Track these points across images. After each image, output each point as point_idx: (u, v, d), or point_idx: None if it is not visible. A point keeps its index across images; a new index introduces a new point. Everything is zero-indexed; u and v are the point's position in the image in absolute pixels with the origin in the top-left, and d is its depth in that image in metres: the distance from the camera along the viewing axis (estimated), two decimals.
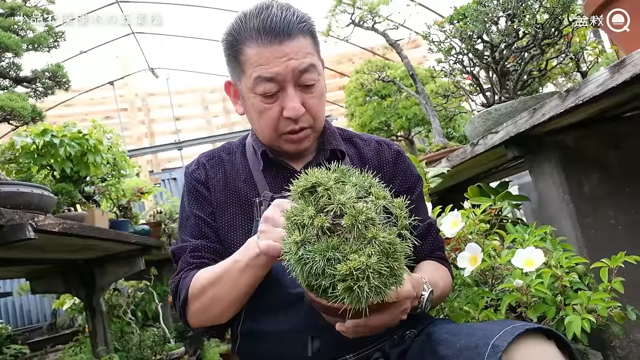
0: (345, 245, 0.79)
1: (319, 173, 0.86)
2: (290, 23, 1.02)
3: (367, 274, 0.75)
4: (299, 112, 1.04)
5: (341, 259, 0.77)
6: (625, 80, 1.17)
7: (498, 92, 2.19)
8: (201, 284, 1.04)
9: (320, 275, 0.78)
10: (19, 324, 6.71)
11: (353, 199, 0.81)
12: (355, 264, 0.75)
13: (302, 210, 0.81)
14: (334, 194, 0.81)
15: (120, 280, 4.10)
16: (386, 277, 0.77)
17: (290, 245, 0.81)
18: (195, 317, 1.09)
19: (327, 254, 0.78)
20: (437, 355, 0.94)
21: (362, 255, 0.76)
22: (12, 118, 1.68)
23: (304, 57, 1.03)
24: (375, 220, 0.80)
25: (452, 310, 1.48)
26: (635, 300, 1.56)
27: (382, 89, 4.00)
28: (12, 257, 2.17)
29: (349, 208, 0.79)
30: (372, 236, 0.78)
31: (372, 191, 0.86)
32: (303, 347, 1.02)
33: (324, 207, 0.81)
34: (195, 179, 1.17)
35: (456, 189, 2.99)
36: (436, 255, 1.21)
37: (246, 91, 1.07)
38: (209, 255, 1.12)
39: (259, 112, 1.07)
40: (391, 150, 1.22)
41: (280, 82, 1.03)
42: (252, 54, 1.03)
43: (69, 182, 2.61)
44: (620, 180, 1.68)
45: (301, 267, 0.79)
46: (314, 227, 0.79)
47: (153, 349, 3.25)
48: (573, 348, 0.92)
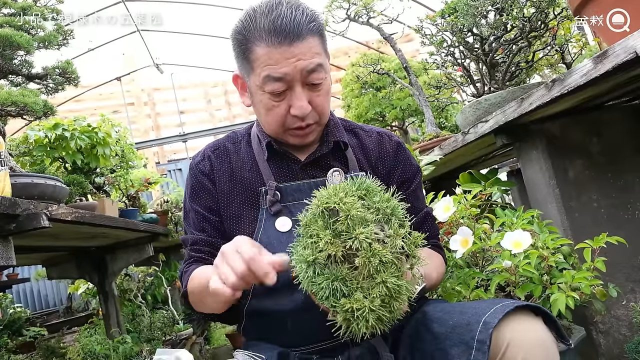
0: (353, 279, 0.76)
1: (344, 191, 0.81)
2: (300, 24, 0.98)
3: (366, 316, 0.74)
4: (306, 111, 1.03)
5: (346, 293, 0.75)
6: (608, 71, 1.18)
7: (488, 83, 2.19)
8: (191, 286, 1.07)
9: (324, 299, 0.77)
10: (37, 308, 6.76)
11: (371, 235, 0.76)
12: (358, 305, 0.74)
13: (319, 232, 0.78)
14: (354, 223, 0.77)
15: (131, 266, 4.12)
16: (385, 320, 0.76)
17: (300, 260, 0.78)
18: (194, 306, 1.12)
19: (334, 284, 0.75)
20: (431, 332, 0.95)
21: (367, 297, 0.74)
22: (25, 113, 1.68)
23: (312, 57, 1.00)
24: (388, 265, 0.76)
25: (445, 291, 1.50)
26: (617, 279, 1.57)
27: (377, 81, 3.98)
28: (29, 245, 2.17)
29: (365, 248, 0.75)
30: (382, 280, 0.75)
31: (394, 219, 0.81)
32: (305, 326, 1.03)
33: (341, 233, 0.77)
34: (200, 171, 1.16)
35: (448, 176, 3.00)
36: (431, 242, 1.21)
37: (254, 88, 1.06)
38: (207, 249, 1.12)
39: (266, 108, 1.06)
40: (392, 142, 1.21)
41: (288, 82, 1.01)
42: (261, 54, 1.00)
43: (80, 174, 2.61)
44: (602, 166, 1.69)
45: (307, 283, 0.78)
46: (327, 252, 0.76)
47: (163, 330, 3.27)
48: (559, 324, 0.92)
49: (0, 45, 1.62)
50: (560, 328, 0.92)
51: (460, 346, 0.88)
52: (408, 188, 1.18)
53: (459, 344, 0.89)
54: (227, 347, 4.03)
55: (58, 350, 2.80)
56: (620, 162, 1.69)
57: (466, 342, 0.87)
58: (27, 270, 6.12)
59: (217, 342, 4.38)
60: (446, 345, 0.91)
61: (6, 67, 1.74)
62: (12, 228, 1.32)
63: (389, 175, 1.18)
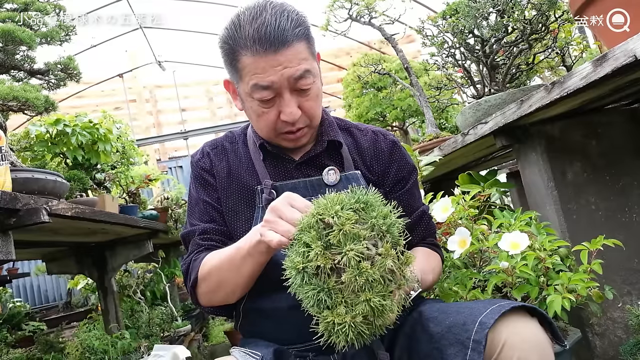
0: (338, 293, 0.77)
1: (341, 203, 0.81)
2: (284, 31, 0.97)
3: (346, 330, 0.75)
4: (295, 117, 1.03)
5: (329, 305, 0.76)
6: (607, 74, 1.18)
7: (488, 84, 2.19)
8: (208, 268, 1.05)
9: (308, 306, 0.79)
10: (37, 303, 6.76)
11: (361, 253, 0.77)
12: (339, 320, 0.75)
13: (310, 244, 0.79)
14: (347, 239, 0.77)
15: (130, 262, 4.12)
16: (365, 335, 0.77)
17: (292, 265, 0.79)
18: (204, 297, 1.10)
19: (319, 295, 0.77)
20: (427, 332, 0.95)
21: (349, 312, 0.76)
22: (26, 108, 1.68)
23: (298, 64, 1.00)
24: (375, 284, 0.76)
25: (442, 291, 1.50)
26: (613, 281, 1.58)
27: (378, 81, 3.98)
28: (29, 240, 2.17)
29: (353, 266, 0.76)
30: (365, 299, 0.76)
31: (388, 236, 0.81)
32: (301, 323, 1.03)
33: (332, 246, 0.78)
34: (201, 167, 1.17)
35: (448, 177, 3.00)
36: (428, 241, 1.21)
37: (244, 95, 1.06)
38: (217, 237, 1.12)
39: (257, 114, 1.06)
40: (387, 141, 1.21)
41: (276, 90, 1.01)
42: (248, 63, 1.00)
43: (80, 170, 2.61)
44: (601, 169, 1.69)
45: (295, 289, 0.79)
46: (316, 262, 0.77)
47: (161, 326, 3.27)
48: (555, 325, 0.93)
49: (3, 41, 1.62)
50: (556, 329, 0.92)
51: (456, 346, 0.88)
52: (404, 186, 1.18)
53: (454, 343, 0.89)
54: (226, 344, 4.04)
55: (57, 345, 2.79)
56: (619, 165, 1.69)
57: (462, 342, 0.87)
58: (27, 265, 6.13)
59: (215, 339, 4.39)
60: (442, 344, 0.91)
61: (8, 62, 1.75)
62: (12, 223, 1.31)
63: (384, 173, 1.18)
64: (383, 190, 1.15)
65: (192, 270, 1.09)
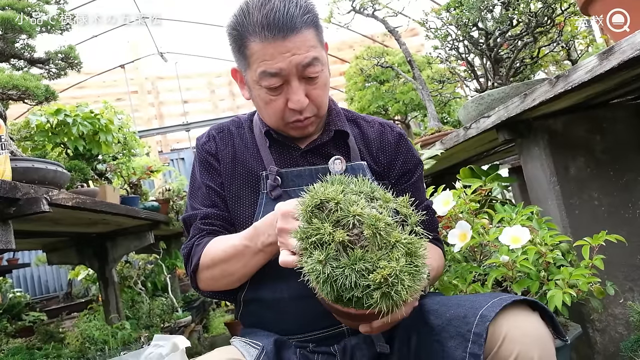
0: (370, 254, 0.76)
1: (322, 188, 0.82)
2: (293, 17, 0.97)
3: (401, 277, 0.74)
4: (303, 105, 1.03)
5: (371, 268, 0.75)
6: (613, 67, 1.16)
7: (491, 78, 2.17)
8: (212, 257, 1.05)
9: (353, 287, 0.75)
10: (37, 293, 6.79)
11: (362, 208, 0.78)
12: (388, 271, 0.73)
13: (318, 229, 0.78)
14: (346, 206, 0.79)
15: (131, 253, 4.14)
16: (415, 275, 0.76)
17: (313, 265, 0.77)
18: (205, 283, 1.10)
19: (356, 266, 0.75)
20: (428, 324, 0.95)
21: (392, 261, 0.75)
22: (26, 97, 1.67)
23: (307, 51, 0.99)
24: (393, 225, 0.78)
25: (442, 284, 1.49)
26: (615, 277, 1.57)
27: (381, 74, 3.96)
28: (29, 230, 2.18)
29: (367, 218, 0.77)
30: (395, 240, 0.76)
31: (376, 195, 0.84)
32: (302, 314, 1.03)
33: (338, 221, 0.78)
34: (206, 151, 1.17)
35: (450, 171, 2.99)
36: (431, 236, 1.21)
37: (252, 82, 1.05)
38: (219, 222, 1.12)
39: (264, 102, 1.06)
40: (394, 133, 1.21)
41: (284, 77, 1.00)
42: (256, 49, 0.99)
43: (81, 160, 2.60)
44: (604, 164, 1.68)
45: (331, 284, 0.76)
46: (335, 243, 0.77)
47: (162, 317, 3.28)
48: (556, 319, 0.92)
49: (2, 28, 1.61)
50: (557, 323, 0.92)
51: (456, 338, 0.88)
52: (409, 179, 1.18)
53: (455, 336, 0.89)
54: (226, 335, 4.05)
55: (57, 335, 2.80)
56: (623, 161, 1.68)
57: (462, 335, 0.87)
58: (28, 256, 6.14)
59: (215, 331, 4.40)
60: (442, 337, 0.91)
61: (8, 51, 1.73)
62: (12, 212, 1.31)
63: (390, 166, 1.17)
64: (388, 183, 1.15)
65: (194, 255, 1.09)
